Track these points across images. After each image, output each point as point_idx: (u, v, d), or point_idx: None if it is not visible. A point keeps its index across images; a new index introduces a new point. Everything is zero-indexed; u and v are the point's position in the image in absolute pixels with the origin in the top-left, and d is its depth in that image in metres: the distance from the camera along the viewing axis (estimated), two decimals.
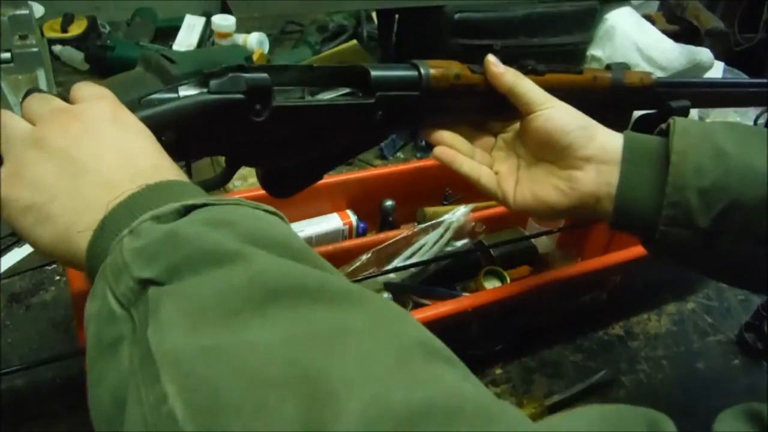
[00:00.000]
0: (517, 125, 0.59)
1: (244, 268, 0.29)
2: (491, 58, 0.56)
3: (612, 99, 0.63)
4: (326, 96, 0.53)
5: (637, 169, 0.51)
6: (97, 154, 0.37)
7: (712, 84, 0.69)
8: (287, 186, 0.56)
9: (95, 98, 0.41)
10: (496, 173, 0.58)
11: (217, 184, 0.53)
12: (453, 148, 0.57)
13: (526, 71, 0.58)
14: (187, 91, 0.46)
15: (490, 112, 0.59)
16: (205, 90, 0.46)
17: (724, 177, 0.48)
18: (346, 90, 0.53)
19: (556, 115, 0.54)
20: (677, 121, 0.51)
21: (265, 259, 0.30)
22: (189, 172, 0.53)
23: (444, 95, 0.55)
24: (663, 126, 0.53)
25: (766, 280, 0.51)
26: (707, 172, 0.48)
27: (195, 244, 0.30)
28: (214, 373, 0.25)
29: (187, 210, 0.33)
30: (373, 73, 0.52)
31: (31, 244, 0.37)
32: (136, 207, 0.34)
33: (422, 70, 0.53)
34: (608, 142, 0.53)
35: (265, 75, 0.48)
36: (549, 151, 0.55)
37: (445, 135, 0.57)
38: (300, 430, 0.24)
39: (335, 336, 0.27)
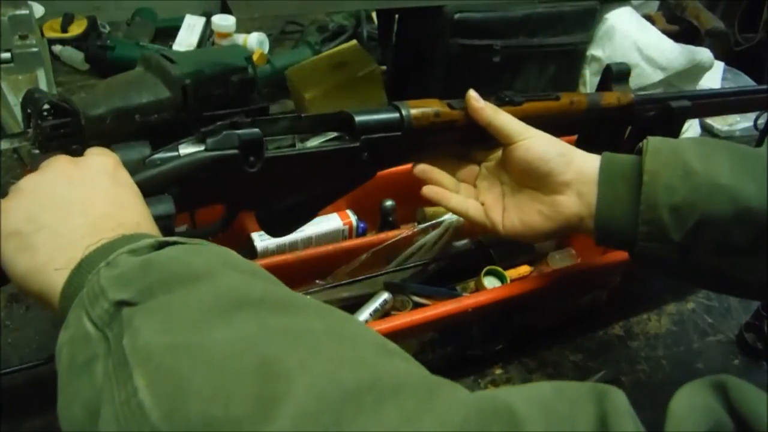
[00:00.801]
0: (498, 153, 0.61)
1: (212, 283, 0.32)
2: (472, 93, 0.59)
3: (593, 120, 0.66)
4: (315, 141, 0.56)
5: (613, 189, 0.54)
6: (89, 199, 0.40)
7: (694, 96, 0.69)
8: (284, 226, 0.60)
9: (99, 154, 0.45)
10: (482, 204, 0.61)
11: (217, 230, 0.56)
12: (440, 185, 0.61)
13: (504, 102, 0.61)
14: (186, 149, 0.50)
15: (471, 143, 0.62)
16: (202, 147, 0.50)
17: (693, 194, 0.50)
18: (334, 134, 0.57)
19: (534, 144, 0.56)
20: (650, 141, 0.54)
21: (230, 276, 0.33)
22: (193, 222, 0.56)
23: (425, 133, 0.58)
24: (640, 144, 0.55)
25: (747, 286, 0.53)
26: (677, 190, 0.50)
27: (167, 268, 0.33)
28: (180, 364, 0.28)
29: (161, 245, 0.36)
30: (357, 118, 0.55)
31: (6, 270, 0.39)
32: (113, 249, 0.36)
33: (403, 112, 0.57)
34: (585, 165, 0.55)
35: (256, 130, 0.51)
36: (531, 179, 0.57)
37: (434, 174, 0.61)
38: (253, 404, 0.26)
39: (293, 333, 0.30)
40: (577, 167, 0.55)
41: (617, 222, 0.53)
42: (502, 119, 0.58)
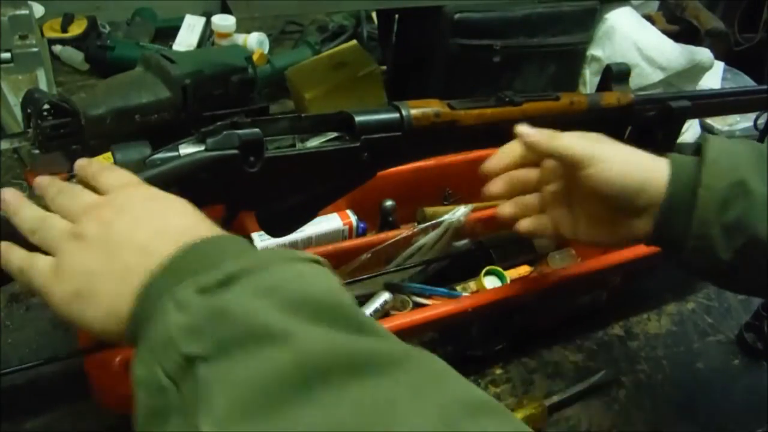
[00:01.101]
0: (551, 167, 0.59)
1: (290, 347, 0.30)
2: (521, 129, 0.56)
3: (593, 120, 0.65)
4: (315, 141, 0.56)
5: (675, 198, 0.52)
6: (131, 229, 0.39)
7: (694, 96, 0.69)
8: (284, 226, 0.60)
9: (122, 187, 0.43)
10: (551, 217, 0.60)
11: None
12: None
13: (504, 102, 0.60)
14: (186, 149, 0.50)
15: (474, 144, 0.62)
16: (202, 147, 0.50)
17: (746, 214, 0.49)
18: (334, 134, 0.57)
19: (611, 174, 0.52)
20: (709, 148, 0.51)
21: (310, 334, 0.31)
22: None
23: (425, 133, 0.58)
24: (699, 142, 0.53)
25: None
26: (731, 208, 0.49)
27: (241, 322, 0.31)
28: None
29: (229, 278, 0.33)
30: (357, 118, 0.55)
31: (87, 330, 0.38)
32: (176, 271, 0.35)
33: (403, 112, 0.57)
34: (659, 181, 0.52)
35: (256, 130, 0.51)
36: (607, 206, 0.55)
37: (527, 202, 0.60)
38: None
39: (380, 409, 0.28)
40: (654, 189, 0.52)
41: (672, 229, 0.52)
42: (563, 145, 0.54)
